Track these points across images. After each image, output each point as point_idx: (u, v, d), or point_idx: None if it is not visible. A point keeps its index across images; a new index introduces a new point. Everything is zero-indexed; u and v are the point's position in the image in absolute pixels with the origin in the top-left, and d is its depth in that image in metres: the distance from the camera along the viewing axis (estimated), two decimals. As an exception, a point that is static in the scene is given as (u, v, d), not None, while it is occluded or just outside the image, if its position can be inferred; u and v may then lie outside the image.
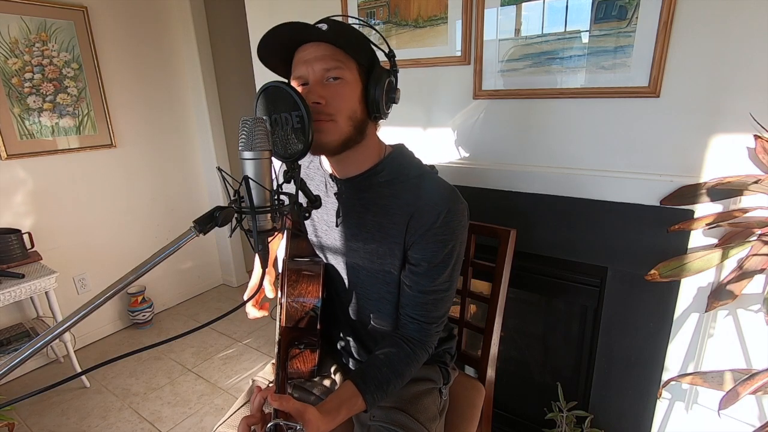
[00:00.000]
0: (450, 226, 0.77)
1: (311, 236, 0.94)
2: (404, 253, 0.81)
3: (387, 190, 0.81)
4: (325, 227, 0.89)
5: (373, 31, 0.81)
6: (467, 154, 1.32)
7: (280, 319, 0.85)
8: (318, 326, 0.84)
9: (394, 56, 0.81)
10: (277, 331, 0.83)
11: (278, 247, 1.03)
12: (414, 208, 0.78)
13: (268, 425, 0.60)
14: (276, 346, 0.80)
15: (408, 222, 0.78)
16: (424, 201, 0.78)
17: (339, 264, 0.89)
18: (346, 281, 0.89)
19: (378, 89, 0.74)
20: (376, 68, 0.75)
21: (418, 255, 0.79)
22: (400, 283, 0.83)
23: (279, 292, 0.95)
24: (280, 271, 0.98)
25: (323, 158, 0.86)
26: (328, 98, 0.71)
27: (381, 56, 0.79)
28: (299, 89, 0.73)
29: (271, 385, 0.96)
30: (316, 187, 0.90)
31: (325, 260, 0.91)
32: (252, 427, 0.64)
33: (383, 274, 0.84)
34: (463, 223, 0.80)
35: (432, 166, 0.87)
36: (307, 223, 0.94)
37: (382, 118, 0.79)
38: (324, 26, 0.71)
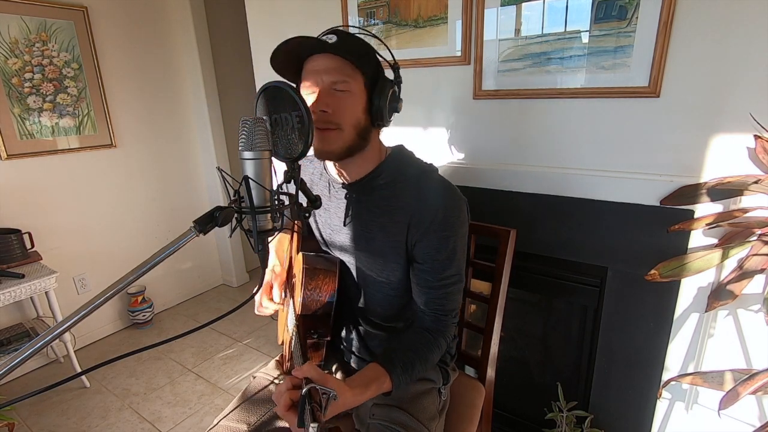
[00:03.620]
0: (449, 222, 0.80)
1: (318, 238, 0.97)
2: (407, 252, 0.83)
3: (387, 191, 0.83)
4: (329, 230, 0.92)
5: (375, 41, 0.83)
6: (467, 155, 1.32)
7: (294, 309, 0.87)
8: (331, 317, 0.87)
9: (398, 67, 0.83)
10: (292, 316, 0.86)
11: (288, 247, 1.05)
12: (413, 208, 0.80)
13: (303, 390, 0.57)
14: (294, 330, 0.82)
15: (409, 221, 0.81)
16: (423, 200, 0.80)
17: (348, 264, 0.92)
18: (350, 278, 0.92)
19: (382, 100, 0.77)
20: (380, 79, 0.78)
21: (422, 253, 0.81)
22: (407, 281, 0.86)
23: (288, 292, 0.97)
24: (293, 272, 0.99)
25: (328, 163, 0.89)
26: (334, 107, 0.74)
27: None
28: (307, 98, 0.76)
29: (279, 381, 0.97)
30: (319, 191, 0.93)
31: None
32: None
33: (386, 273, 0.86)
34: (461, 218, 0.83)
35: (431, 165, 0.89)
36: (312, 226, 0.97)
37: (384, 126, 0.82)
38: (333, 38, 0.73)
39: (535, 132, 1.18)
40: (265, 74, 1.75)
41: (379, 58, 0.80)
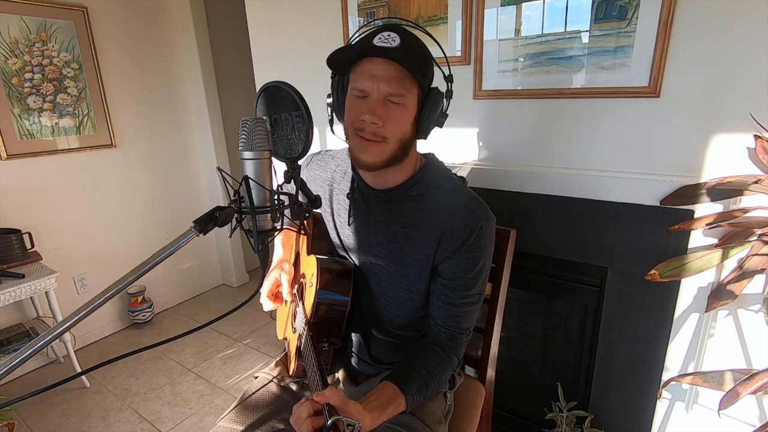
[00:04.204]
0: (481, 243, 0.79)
1: (334, 239, 0.95)
2: (433, 266, 0.82)
3: (418, 203, 0.82)
4: (347, 232, 0.90)
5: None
6: (467, 155, 1.32)
7: (305, 314, 0.86)
8: (343, 324, 0.86)
9: (452, 81, 0.79)
10: (301, 319, 0.84)
11: (294, 240, 1.03)
12: (446, 225, 0.79)
13: (329, 422, 0.56)
14: (307, 340, 0.79)
15: (440, 238, 0.79)
16: (457, 218, 0.79)
17: (366, 269, 0.90)
18: (366, 284, 0.90)
19: (432, 115, 0.75)
20: (432, 92, 0.75)
21: (449, 270, 0.80)
22: (427, 293, 0.85)
23: (295, 293, 0.95)
24: (301, 272, 0.98)
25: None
26: (386, 120, 0.72)
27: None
28: (354, 100, 0.74)
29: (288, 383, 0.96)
30: (341, 191, 0.91)
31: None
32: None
33: (407, 282, 0.85)
34: (492, 239, 0.82)
35: (462, 178, 0.87)
36: (329, 226, 0.95)
37: (424, 138, 0.80)
38: (396, 39, 0.70)
39: (534, 132, 1.18)
40: (265, 74, 1.75)
41: (441, 69, 0.77)
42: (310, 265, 0.90)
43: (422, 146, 0.91)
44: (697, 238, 1.01)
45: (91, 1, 2.11)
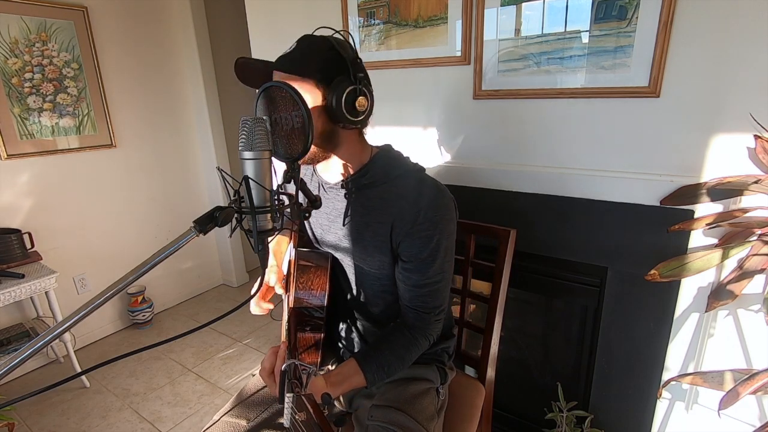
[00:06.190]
0: (433, 221, 0.80)
1: (311, 236, 0.97)
2: (393, 251, 0.84)
3: (372, 191, 0.84)
4: (320, 230, 0.93)
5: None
6: (467, 155, 1.32)
7: (287, 303, 0.89)
8: (324, 312, 0.88)
9: (351, 64, 0.74)
10: (286, 311, 0.88)
11: (287, 248, 1.06)
12: (397, 208, 0.81)
13: (284, 365, 0.63)
14: (286, 324, 0.85)
15: (392, 222, 0.81)
16: (406, 200, 0.81)
17: (341, 261, 0.93)
18: (347, 278, 0.93)
19: (335, 99, 0.72)
20: (336, 79, 0.73)
21: (406, 252, 0.82)
22: (394, 278, 0.87)
23: (286, 289, 0.98)
24: (287, 270, 1.00)
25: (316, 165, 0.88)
26: None
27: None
28: None
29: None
30: (312, 190, 0.92)
31: None
32: None
33: (375, 271, 0.87)
34: (447, 217, 0.82)
35: (417, 164, 0.88)
36: (306, 224, 0.97)
37: (352, 127, 0.76)
38: (293, 46, 0.76)
39: (535, 132, 1.18)
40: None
41: (343, 55, 0.73)
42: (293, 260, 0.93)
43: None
44: (697, 238, 1.01)
45: (91, 1, 2.11)
